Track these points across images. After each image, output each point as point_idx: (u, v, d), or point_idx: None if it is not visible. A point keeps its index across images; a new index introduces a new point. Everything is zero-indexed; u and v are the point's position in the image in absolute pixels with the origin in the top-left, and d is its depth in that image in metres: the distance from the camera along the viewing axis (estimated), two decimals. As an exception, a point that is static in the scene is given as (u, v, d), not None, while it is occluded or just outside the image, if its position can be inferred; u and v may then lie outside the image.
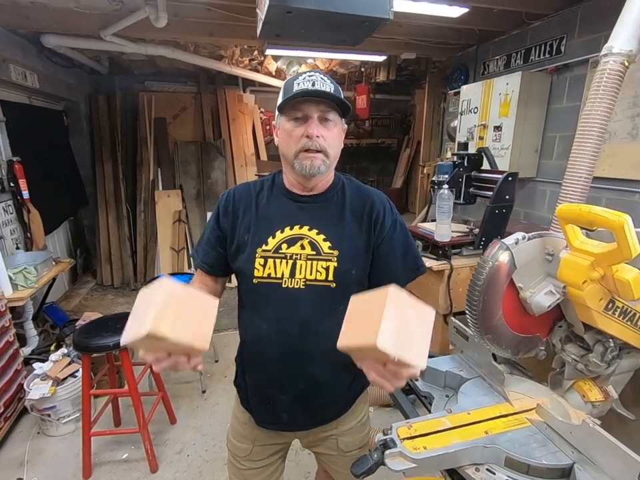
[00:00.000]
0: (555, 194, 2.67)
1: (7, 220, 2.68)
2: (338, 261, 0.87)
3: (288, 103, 0.84)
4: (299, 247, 0.88)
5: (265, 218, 0.92)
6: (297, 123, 0.85)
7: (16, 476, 1.83)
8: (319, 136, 0.83)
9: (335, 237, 0.89)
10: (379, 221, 0.92)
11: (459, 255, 2.13)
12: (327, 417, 1.01)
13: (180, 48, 3.45)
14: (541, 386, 1.07)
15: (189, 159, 4.63)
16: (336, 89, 0.86)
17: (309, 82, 0.84)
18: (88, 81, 4.38)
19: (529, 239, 0.80)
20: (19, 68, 2.92)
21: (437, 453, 0.86)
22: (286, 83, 0.89)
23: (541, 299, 0.82)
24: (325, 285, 0.87)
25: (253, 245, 0.90)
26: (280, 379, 0.93)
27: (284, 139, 0.88)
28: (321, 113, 0.84)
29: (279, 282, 0.88)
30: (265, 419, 1.00)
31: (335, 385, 0.97)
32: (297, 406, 0.96)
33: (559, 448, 0.87)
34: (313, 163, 0.85)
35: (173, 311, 0.60)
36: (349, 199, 0.94)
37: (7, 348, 2.04)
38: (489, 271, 0.80)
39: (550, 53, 2.61)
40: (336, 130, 0.88)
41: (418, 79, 5.06)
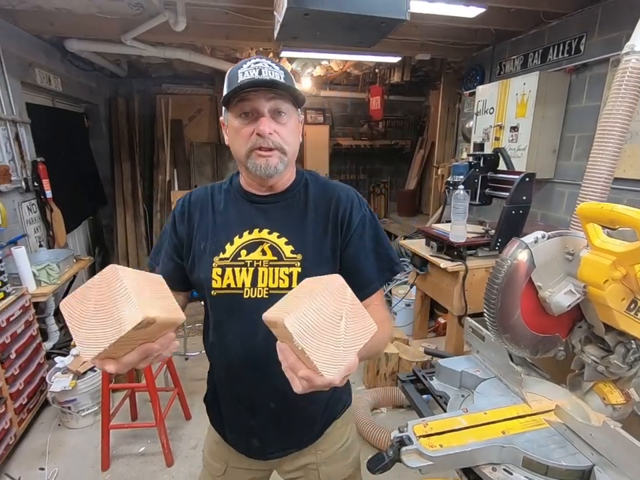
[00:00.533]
0: (574, 195, 2.63)
1: (30, 218, 2.77)
2: (301, 266, 0.78)
3: (233, 96, 0.73)
4: (260, 253, 0.80)
5: (222, 223, 0.84)
6: (245, 119, 0.75)
7: (38, 466, 1.90)
8: (271, 132, 0.74)
9: (298, 240, 0.80)
10: (346, 219, 0.82)
11: (474, 256, 2.12)
12: (302, 440, 0.91)
13: (197, 51, 3.52)
14: (559, 387, 1.06)
15: (204, 160, 4.71)
16: (287, 76, 0.77)
17: (255, 70, 0.73)
18: (108, 84, 4.50)
19: (548, 238, 0.80)
20: (43, 72, 3.02)
21: (453, 451, 0.86)
22: (230, 73, 0.78)
23: (561, 298, 0.81)
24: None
25: (209, 253, 0.81)
26: (250, 401, 0.85)
27: (233, 138, 0.78)
28: (272, 106, 0.74)
29: (239, 292, 0.79)
30: (237, 445, 0.92)
31: (309, 401, 0.83)
32: (268, 429, 0.87)
33: (578, 450, 0.86)
34: (268, 162, 0.76)
35: (146, 291, 0.54)
36: (312, 197, 0.85)
37: (30, 342, 2.11)
38: (508, 270, 0.80)
39: (569, 52, 2.57)
40: (291, 123, 0.78)
41: (432, 79, 5.04)
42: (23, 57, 2.74)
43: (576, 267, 0.82)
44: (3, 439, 1.81)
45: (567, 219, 2.66)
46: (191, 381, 2.52)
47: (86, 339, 0.50)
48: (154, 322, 0.51)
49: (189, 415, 2.21)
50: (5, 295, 1.96)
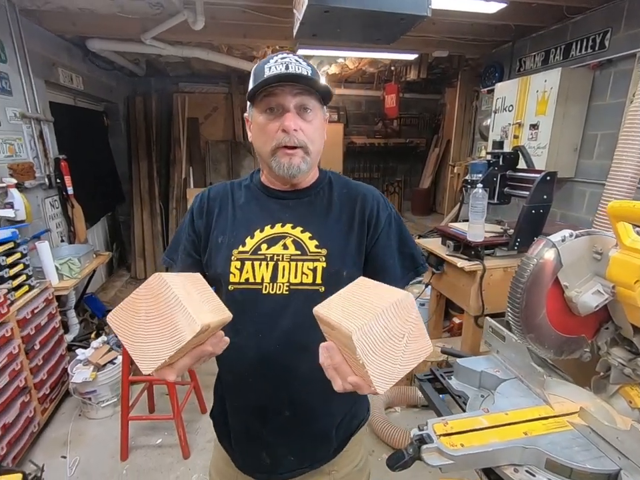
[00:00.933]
0: (595, 195, 2.56)
1: (53, 214, 2.85)
2: (327, 260, 0.76)
3: (259, 91, 0.71)
4: (281, 247, 0.77)
5: (243, 217, 0.82)
6: (270, 114, 0.73)
7: (60, 454, 1.95)
8: (296, 129, 0.72)
9: (322, 235, 0.78)
10: (373, 218, 0.81)
11: (491, 255, 2.09)
12: (317, 458, 0.86)
13: (214, 49, 3.55)
14: (582, 390, 1.04)
15: (219, 158, 4.76)
16: (313, 72, 0.75)
17: (282, 65, 0.71)
18: (127, 83, 4.59)
19: (576, 237, 0.78)
20: (66, 71, 3.10)
21: (475, 451, 0.85)
22: (256, 68, 0.76)
23: (588, 298, 0.80)
24: (312, 289, 0.75)
25: (228, 247, 0.79)
26: (261, 406, 0.80)
27: (257, 135, 0.77)
28: (298, 101, 0.72)
29: (258, 287, 0.76)
30: (245, 463, 0.87)
31: (325, 413, 0.83)
32: (280, 443, 0.82)
33: (603, 453, 0.84)
34: (291, 161, 0.74)
35: (194, 295, 0.54)
36: (336, 195, 0.84)
37: (53, 334, 2.17)
38: (533, 269, 0.79)
39: (592, 48, 2.50)
40: (316, 121, 0.76)
41: (449, 77, 4.98)
42: (47, 57, 2.82)
43: (604, 266, 0.80)
44: (27, 427, 1.87)
45: (588, 218, 2.60)
46: (206, 375, 2.54)
47: (143, 352, 0.49)
48: (208, 328, 0.52)
49: (205, 408, 2.25)
50: (30, 287, 2.02)
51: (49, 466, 1.86)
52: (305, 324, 0.75)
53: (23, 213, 2.26)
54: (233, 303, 0.76)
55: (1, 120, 2.29)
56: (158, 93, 4.63)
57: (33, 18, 2.62)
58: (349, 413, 0.88)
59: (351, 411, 0.89)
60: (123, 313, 0.51)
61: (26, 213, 2.29)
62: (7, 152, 2.33)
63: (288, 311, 0.75)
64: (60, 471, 1.85)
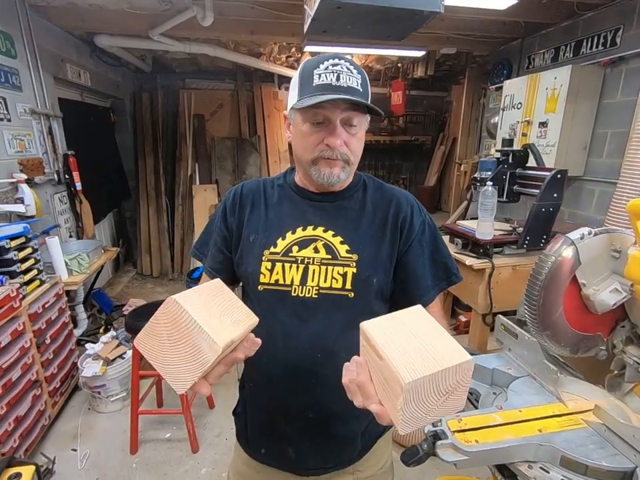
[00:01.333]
0: (604, 194, 2.55)
1: (62, 210, 2.87)
2: (357, 266, 0.75)
3: (305, 101, 0.70)
4: (312, 250, 0.77)
5: (275, 218, 0.82)
6: (315, 126, 0.72)
7: (70, 447, 1.98)
8: (342, 145, 0.72)
9: (354, 240, 0.78)
10: (406, 224, 0.80)
11: (500, 254, 2.08)
12: (342, 460, 0.85)
13: (221, 46, 3.55)
14: (596, 388, 1.04)
15: (225, 155, 4.76)
16: (364, 81, 0.73)
17: (333, 74, 0.69)
18: (133, 79, 4.59)
19: (595, 235, 0.78)
20: (74, 67, 3.11)
21: (489, 447, 0.86)
22: (303, 69, 0.73)
23: (606, 296, 0.80)
24: (341, 295, 0.75)
25: (259, 246, 0.79)
26: (286, 407, 0.80)
27: (299, 142, 0.76)
28: (345, 117, 0.71)
29: (287, 289, 0.76)
30: (268, 455, 0.86)
31: (352, 417, 0.82)
32: (306, 441, 0.82)
33: (619, 451, 0.85)
34: (332, 171, 0.74)
35: (214, 309, 0.55)
36: (370, 199, 0.83)
37: (63, 328, 2.19)
38: (552, 266, 0.79)
39: (604, 45, 2.48)
40: (360, 134, 0.76)
41: (455, 74, 4.95)
42: (55, 53, 2.83)
43: (623, 264, 0.80)
44: (38, 420, 1.89)
45: (596, 217, 2.59)
46: (214, 371, 2.57)
47: (173, 374, 0.52)
48: (232, 343, 0.53)
49: (213, 404, 2.27)
50: (41, 282, 2.04)
51: (60, 458, 1.88)
52: (334, 329, 0.76)
53: (33, 209, 2.27)
54: (262, 303, 0.78)
55: (11, 116, 2.30)
56: (164, 89, 4.63)
57: (42, 14, 2.63)
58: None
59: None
60: (147, 337, 0.53)
61: (36, 209, 2.31)
62: (17, 147, 2.35)
63: (316, 315, 0.75)
64: (71, 464, 1.88)
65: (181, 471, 1.85)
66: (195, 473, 1.84)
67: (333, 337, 0.75)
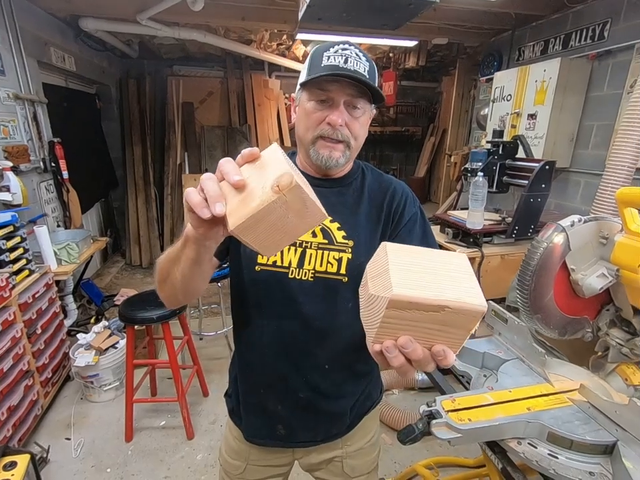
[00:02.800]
0: (590, 185, 2.62)
1: (48, 199, 2.81)
2: (352, 252, 0.77)
3: (313, 80, 0.70)
4: (310, 234, 0.78)
5: None
6: (320, 105, 0.72)
7: (64, 436, 1.98)
8: (342, 125, 0.72)
9: (350, 226, 0.79)
10: (398, 212, 0.82)
11: (489, 243, 2.13)
12: (331, 434, 0.89)
13: (211, 32, 3.48)
14: (581, 369, 1.09)
15: (214, 144, 4.70)
16: (371, 69, 0.73)
17: (341, 57, 0.70)
18: (119, 65, 4.47)
19: (585, 222, 0.82)
20: (58, 51, 3.01)
21: (481, 425, 0.90)
22: (314, 52, 0.75)
23: (593, 281, 0.84)
24: (335, 279, 0.77)
25: None
26: (277, 386, 0.83)
27: (302, 120, 0.76)
28: (349, 98, 0.72)
29: (285, 271, 0.77)
30: (259, 433, 0.89)
31: (341, 396, 0.86)
32: (296, 418, 0.85)
33: (601, 426, 0.90)
34: (331, 154, 0.74)
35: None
36: (368, 187, 0.84)
37: (53, 318, 2.17)
38: (543, 252, 0.82)
39: (592, 38, 2.52)
40: (363, 118, 0.75)
41: (446, 65, 4.96)
42: (39, 36, 2.73)
43: (609, 250, 0.84)
44: (31, 409, 1.88)
45: (581, 208, 2.66)
46: (207, 360, 2.58)
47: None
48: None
49: (207, 391, 2.28)
50: (30, 272, 2.00)
51: (54, 447, 1.88)
52: (327, 312, 0.78)
53: (19, 197, 2.22)
54: (259, 284, 0.79)
55: (-6, 101, 2.23)
56: (151, 76, 4.52)
57: (24, -6, 2.53)
58: (363, 394, 0.91)
59: (364, 391, 0.91)
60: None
61: (22, 197, 2.25)
62: (1, 134, 2.28)
63: (311, 298, 0.77)
64: (65, 452, 1.88)
65: (177, 457, 1.87)
66: (191, 459, 1.86)
67: (328, 319, 0.78)
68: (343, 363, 0.81)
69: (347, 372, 0.85)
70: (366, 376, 0.90)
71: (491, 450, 0.97)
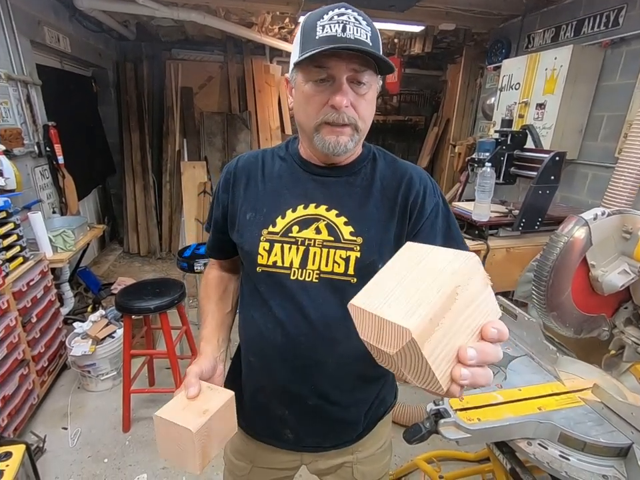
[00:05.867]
0: (597, 177, 2.57)
1: (43, 184, 2.74)
2: (361, 250, 0.69)
3: (307, 58, 0.61)
4: (313, 231, 0.71)
5: (274, 193, 0.75)
6: (319, 86, 0.64)
7: (61, 425, 1.96)
8: (347, 105, 0.64)
9: (359, 221, 0.71)
10: (418, 204, 0.73)
11: (495, 235, 2.09)
12: (341, 441, 0.83)
13: (210, 13, 3.36)
14: (592, 367, 1.06)
15: (214, 131, 4.60)
16: (374, 35, 0.63)
17: (338, 25, 0.61)
18: (116, 47, 4.34)
19: (608, 215, 0.77)
20: (52, 31, 2.90)
21: (491, 425, 0.87)
22: (305, 23, 0.65)
23: (614, 278, 0.79)
24: (343, 280, 0.70)
25: (257, 225, 0.73)
26: (283, 394, 0.77)
27: (301, 105, 0.68)
28: (352, 74, 0.63)
29: (286, 272, 0.71)
30: (265, 432, 0.83)
31: (352, 404, 0.79)
32: (303, 425, 0.79)
33: (616, 428, 0.87)
34: (338, 139, 0.66)
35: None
36: (379, 176, 0.75)
37: (49, 306, 2.13)
38: (563, 247, 0.77)
39: (606, 25, 2.44)
40: (370, 94, 0.67)
41: (452, 52, 4.83)
42: (32, 14, 2.62)
43: (633, 246, 0.79)
44: (27, 399, 1.86)
45: (588, 201, 2.61)
46: (206, 350, 2.56)
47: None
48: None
49: (205, 382, 2.26)
50: (25, 259, 1.95)
51: (51, 437, 1.86)
52: (334, 316, 0.70)
53: (13, 182, 2.15)
54: (260, 285, 0.74)
55: (-15, 81, 2.15)
56: (149, 59, 4.39)
57: (15, -31, 2.42)
58: (377, 399, 0.85)
59: (378, 397, 0.85)
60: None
61: (16, 182, 2.19)
62: (-7, 116, 2.20)
63: (317, 301, 0.70)
64: (62, 442, 1.86)
65: (175, 448, 1.85)
66: (189, 450, 1.84)
67: (334, 324, 0.70)
68: (353, 369, 0.74)
69: (358, 378, 0.78)
70: (379, 380, 0.83)
71: (499, 450, 0.94)
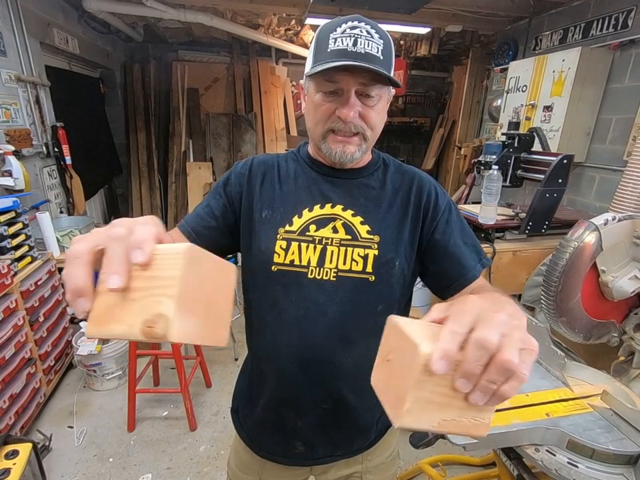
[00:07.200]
0: (605, 181, 2.54)
1: (51, 184, 2.76)
2: (379, 248, 0.70)
3: (317, 70, 0.63)
4: (330, 230, 0.71)
5: (290, 193, 0.75)
6: (328, 96, 0.66)
7: (66, 424, 1.97)
8: (355, 117, 0.65)
9: (374, 220, 0.72)
10: (431, 203, 0.74)
11: (501, 239, 2.08)
12: (352, 449, 0.82)
13: (217, 15, 3.38)
14: (600, 373, 1.05)
15: (220, 132, 4.62)
16: (386, 47, 0.65)
17: (350, 38, 0.62)
18: (123, 49, 4.38)
19: (619, 220, 0.76)
20: (61, 33, 2.93)
21: (499, 431, 0.86)
22: (320, 32, 0.66)
23: (625, 284, 0.78)
24: (361, 278, 0.70)
25: (273, 223, 0.72)
26: (298, 399, 0.75)
27: (310, 112, 0.70)
28: (361, 87, 0.64)
29: (303, 271, 0.70)
30: (274, 450, 0.82)
31: (367, 409, 0.78)
32: (317, 434, 0.78)
33: (625, 435, 0.86)
34: (345, 149, 0.68)
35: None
36: (390, 179, 0.77)
37: (56, 306, 2.15)
38: (573, 252, 0.77)
39: (614, 27, 2.41)
40: (380, 105, 0.68)
41: (458, 54, 4.82)
42: (41, 16, 2.65)
43: (644, 252, 0.78)
44: (34, 397, 1.87)
45: (595, 205, 2.59)
46: (211, 350, 2.56)
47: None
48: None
49: (210, 382, 2.27)
50: (33, 259, 1.97)
51: (57, 435, 1.88)
52: (353, 315, 0.70)
53: (22, 182, 2.18)
54: (276, 285, 0.72)
55: (-5, 82, 2.18)
56: (156, 60, 4.42)
57: (25, -28, 2.44)
58: None
59: None
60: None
61: (25, 182, 2.21)
62: (3, 117, 2.22)
63: (335, 300, 0.70)
64: (68, 440, 1.87)
65: (180, 448, 1.86)
66: (194, 450, 1.85)
67: (352, 323, 0.70)
68: (369, 370, 0.73)
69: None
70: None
71: (506, 455, 0.94)
